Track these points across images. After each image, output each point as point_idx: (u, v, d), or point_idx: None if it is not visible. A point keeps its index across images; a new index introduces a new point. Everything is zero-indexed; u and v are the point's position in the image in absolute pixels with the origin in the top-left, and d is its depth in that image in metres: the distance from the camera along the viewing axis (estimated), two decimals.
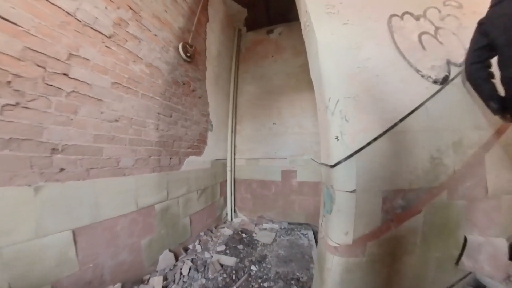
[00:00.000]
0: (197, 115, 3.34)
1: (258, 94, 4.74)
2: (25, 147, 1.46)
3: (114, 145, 2.02)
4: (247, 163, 4.61)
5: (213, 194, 3.81)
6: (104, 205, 1.91)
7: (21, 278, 1.37)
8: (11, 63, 1.39)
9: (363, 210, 1.45)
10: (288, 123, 4.35)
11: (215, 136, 3.95)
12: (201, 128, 3.47)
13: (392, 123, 1.50)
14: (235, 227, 3.86)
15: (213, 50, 3.95)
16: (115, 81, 2.01)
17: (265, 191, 4.38)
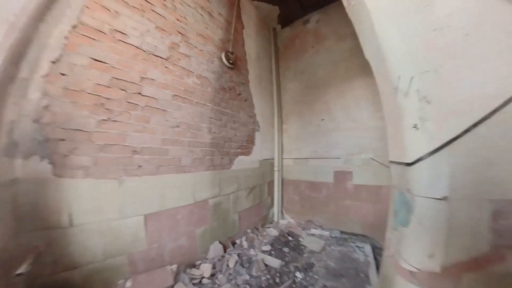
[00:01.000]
0: (244, 117, 3.55)
1: (301, 90, 4.43)
2: (114, 150, 1.95)
3: (177, 147, 2.42)
4: (295, 163, 4.40)
5: (261, 193, 3.90)
6: (169, 197, 2.31)
7: (110, 246, 1.86)
8: (103, 90, 1.88)
9: (460, 227, 1.08)
10: (339, 117, 3.81)
11: (262, 136, 4.05)
12: (249, 129, 3.66)
13: (502, 100, 1.03)
14: (281, 228, 3.77)
15: (253, 54, 4.08)
16: (174, 94, 2.41)
17: (315, 193, 4.00)
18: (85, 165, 1.79)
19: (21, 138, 1.50)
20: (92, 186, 1.80)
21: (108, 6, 1.88)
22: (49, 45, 1.59)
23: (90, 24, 1.77)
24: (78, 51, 1.73)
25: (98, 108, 1.86)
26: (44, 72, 1.58)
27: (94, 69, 1.84)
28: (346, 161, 3.67)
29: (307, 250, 2.98)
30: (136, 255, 2.02)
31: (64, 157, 1.69)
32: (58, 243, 1.59)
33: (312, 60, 4.33)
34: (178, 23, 2.53)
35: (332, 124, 3.90)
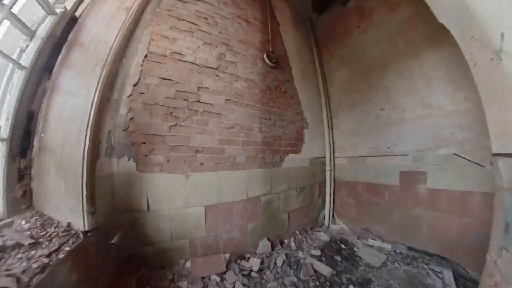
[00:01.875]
0: (292, 115, 3.49)
1: (351, 78, 3.82)
2: (181, 150, 2.33)
3: (232, 146, 2.66)
4: (349, 162, 3.85)
5: (311, 194, 3.70)
6: (226, 191, 2.56)
7: (176, 230, 2.24)
8: (171, 102, 2.28)
9: None
10: (404, 104, 3.01)
11: (311, 133, 3.83)
12: (297, 126, 3.57)
13: None
14: (333, 234, 3.45)
15: (293, 49, 3.91)
16: (227, 98, 2.65)
17: (375, 197, 3.34)
18: (160, 162, 2.23)
19: (115, 143, 2.03)
20: (165, 180, 2.22)
21: (166, 35, 2.32)
22: (130, 73, 2.08)
23: (156, 52, 2.22)
24: (151, 74, 2.18)
25: (168, 116, 2.28)
26: (129, 93, 2.07)
27: (163, 86, 2.26)
28: (417, 158, 2.86)
29: (364, 263, 2.62)
30: (196, 240, 2.35)
31: (145, 156, 2.16)
32: (138, 224, 2.07)
33: (360, 41, 3.69)
34: (221, 35, 2.79)
35: (396, 114, 3.13)
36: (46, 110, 1.59)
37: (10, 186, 1.39)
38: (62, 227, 1.58)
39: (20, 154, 1.47)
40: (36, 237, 1.42)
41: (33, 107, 1.52)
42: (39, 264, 1.25)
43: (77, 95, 1.67)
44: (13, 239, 1.33)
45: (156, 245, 2.14)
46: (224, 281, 2.08)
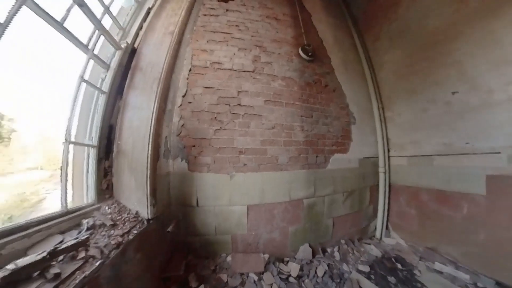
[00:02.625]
0: (335, 110, 3.17)
1: (405, 59, 3.16)
2: (226, 151, 2.53)
3: (273, 147, 2.68)
4: (410, 163, 3.19)
5: (361, 199, 3.21)
6: (268, 192, 2.59)
7: (220, 225, 2.42)
8: (214, 107, 2.51)
9: None
10: (489, 82, 2.23)
11: (359, 129, 3.33)
12: (343, 122, 3.20)
13: None
14: (386, 249, 2.92)
15: (329, 38, 3.50)
16: (266, 99, 2.70)
17: (446, 209, 2.62)
18: (207, 163, 2.49)
19: (171, 147, 2.41)
20: (212, 179, 2.47)
21: (205, 48, 2.58)
22: (179, 86, 2.43)
23: (198, 65, 2.50)
24: (195, 85, 2.48)
25: (213, 121, 2.53)
26: (179, 104, 2.42)
27: (206, 94, 2.52)
28: None
29: None
30: (238, 237, 2.48)
31: (194, 158, 2.47)
32: (189, 216, 2.37)
33: (411, 12, 3.01)
34: (253, 38, 2.86)
35: (476, 97, 2.35)
36: (120, 123, 2.07)
37: (99, 181, 1.89)
38: (132, 214, 2.01)
39: (104, 157, 1.98)
40: (114, 220, 1.85)
41: (112, 121, 2.02)
42: (116, 242, 1.62)
43: (141, 109, 2.10)
44: (100, 220, 1.79)
45: (202, 236, 2.39)
46: (261, 281, 2.13)
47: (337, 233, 2.95)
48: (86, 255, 1.38)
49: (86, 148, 1.85)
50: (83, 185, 1.82)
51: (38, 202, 4.53)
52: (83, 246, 1.45)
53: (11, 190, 4.72)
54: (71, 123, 1.63)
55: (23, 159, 6.70)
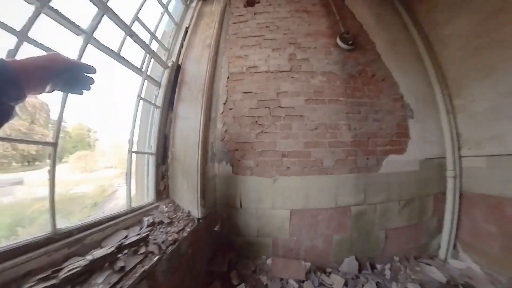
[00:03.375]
0: (387, 103, 2.71)
1: (476, 27, 2.40)
2: (268, 154, 2.55)
3: (318, 149, 2.53)
4: (490, 164, 2.44)
5: (422, 210, 2.62)
6: (312, 197, 2.46)
7: (262, 228, 2.43)
8: (255, 111, 2.57)
9: None
10: None
11: (419, 123, 2.71)
12: (397, 117, 2.69)
13: None
14: (452, 274, 2.30)
15: (370, 19, 3.00)
16: (306, 98, 2.58)
17: None
18: (250, 166, 2.56)
19: (216, 151, 2.57)
20: (255, 182, 2.51)
21: (239, 54, 2.67)
22: (220, 94, 2.59)
23: (235, 71, 2.61)
24: (234, 91, 2.59)
25: (254, 125, 2.58)
26: (221, 111, 2.58)
27: (246, 99, 2.60)
28: None
29: None
30: (279, 241, 2.43)
31: (238, 161, 2.57)
32: (233, 217, 2.46)
33: None
34: (286, 36, 2.77)
35: None
36: (173, 132, 2.34)
37: (157, 183, 2.17)
38: (185, 213, 2.23)
39: (161, 162, 2.27)
40: (171, 218, 2.10)
41: (166, 131, 2.31)
42: (172, 238, 1.83)
43: (189, 119, 2.33)
44: (158, 218, 2.05)
45: (244, 237, 2.45)
46: None
47: (389, 247, 2.53)
48: (146, 251, 1.58)
49: (146, 155, 2.17)
50: (144, 186, 2.15)
51: (113, 192, 6.22)
52: (143, 241, 1.67)
53: (95, 183, 6.59)
54: (132, 136, 1.95)
55: (103, 160, 9.28)
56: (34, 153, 8.86)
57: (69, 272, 1.15)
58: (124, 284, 1.23)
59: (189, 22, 2.52)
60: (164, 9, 2.27)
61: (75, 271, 1.16)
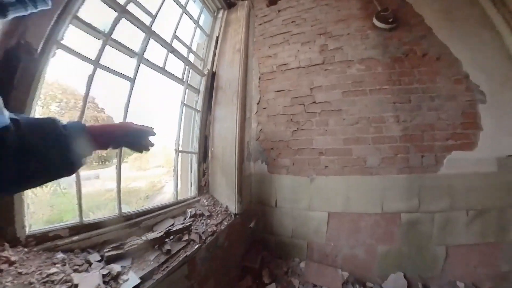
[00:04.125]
0: (446, 86, 2.14)
1: None
2: (305, 153, 2.48)
3: (360, 146, 2.29)
4: None
5: (502, 225, 1.88)
6: (353, 200, 2.22)
7: (297, 229, 2.35)
8: (289, 109, 2.56)
9: None
10: None
11: (495, 109, 1.97)
12: (462, 103, 2.08)
13: None
14: None
15: None
16: (343, 91, 2.38)
17: None
18: (286, 165, 2.55)
19: (252, 150, 2.67)
20: (291, 181, 2.48)
21: (268, 54, 2.69)
22: (253, 95, 2.68)
23: (265, 71, 2.65)
24: (267, 90, 2.64)
25: (289, 123, 2.57)
26: (255, 111, 2.66)
27: (279, 97, 2.61)
28: None
29: None
30: (314, 244, 2.29)
31: (273, 160, 2.60)
32: (267, 215, 2.48)
33: None
34: (314, 27, 2.59)
35: None
36: (212, 133, 2.57)
37: (198, 179, 2.43)
38: (223, 207, 2.41)
39: (203, 160, 2.52)
40: (210, 211, 2.30)
41: (206, 132, 2.55)
42: (211, 230, 2.02)
43: (226, 120, 2.51)
44: (200, 210, 2.28)
45: (278, 237, 2.43)
46: None
47: (451, 269, 1.99)
48: (188, 238, 1.77)
49: (190, 154, 2.45)
50: (187, 181, 2.43)
51: (161, 187, 7.81)
52: (186, 230, 1.88)
53: (148, 179, 8.37)
54: (179, 137, 2.25)
55: (153, 161, 11.66)
56: (105, 155, 12.10)
57: (130, 246, 1.41)
58: (170, 265, 1.44)
59: (218, 31, 2.71)
60: (196, 24, 2.51)
61: (134, 246, 1.41)
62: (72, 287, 1.01)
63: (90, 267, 1.20)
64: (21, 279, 0.91)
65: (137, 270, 1.32)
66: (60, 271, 1.05)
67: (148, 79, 1.57)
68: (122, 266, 1.26)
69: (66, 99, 12.65)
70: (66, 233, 1.26)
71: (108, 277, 1.15)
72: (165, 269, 1.39)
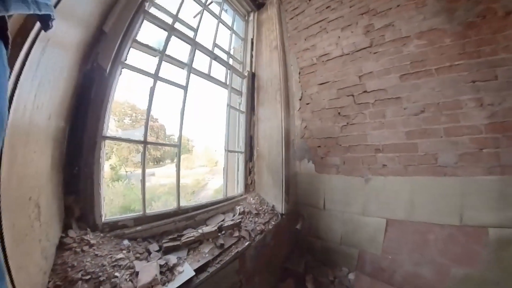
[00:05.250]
0: None
1: None
2: (358, 150, 2.25)
3: (428, 139, 1.90)
4: None
5: None
6: (419, 206, 1.84)
7: (347, 235, 2.11)
8: (335, 102, 2.38)
9: None
10: None
11: None
12: None
13: None
14: None
15: None
16: (401, 74, 2.03)
17: None
18: (336, 164, 2.36)
19: (297, 149, 2.58)
20: (342, 181, 2.28)
21: (305, 47, 2.55)
22: (294, 92, 2.61)
23: (305, 65, 2.53)
24: (309, 85, 2.52)
25: (337, 117, 2.38)
26: (298, 108, 2.57)
27: (323, 91, 2.45)
28: None
29: None
30: (367, 255, 2.00)
31: (321, 159, 2.44)
32: (314, 218, 2.33)
33: None
34: (353, 8, 2.28)
35: None
36: (257, 133, 2.62)
37: (245, 177, 2.50)
38: (269, 207, 2.41)
39: (249, 159, 2.59)
40: (257, 210, 2.34)
41: (251, 132, 2.62)
42: (259, 228, 2.05)
43: (270, 119, 2.53)
44: (247, 208, 2.35)
45: (324, 242, 2.25)
46: None
47: None
48: (239, 235, 1.84)
49: (236, 153, 2.56)
50: (234, 180, 2.54)
51: (205, 185, 9.42)
52: (237, 227, 1.95)
53: (193, 177, 10.10)
54: (227, 138, 2.40)
55: (198, 160, 13.55)
56: (159, 156, 15.00)
57: (187, 238, 1.55)
58: (223, 259, 1.53)
59: (252, 33, 2.79)
60: (231, 30, 2.66)
61: (191, 239, 1.55)
62: (134, 274, 1.16)
63: (150, 256, 1.37)
64: (96, 261, 1.11)
65: (192, 262, 1.44)
66: (125, 257, 1.24)
67: (193, 85, 1.78)
68: (178, 258, 1.40)
69: (135, 113, 16.07)
70: (132, 223, 1.49)
71: (165, 268, 1.28)
72: (219, 262, 1.48)
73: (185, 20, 2.01)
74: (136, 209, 5.69)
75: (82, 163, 1.25)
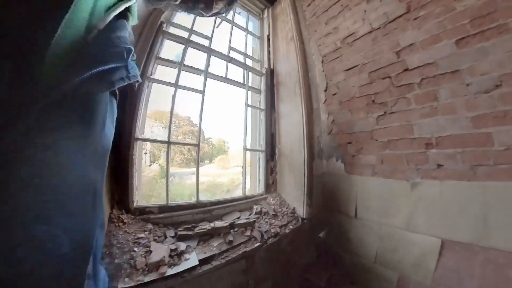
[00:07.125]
0: None
1: None
2: (400, 145, 1.78)
3: (508, 127, 1.28)
4: None
5: None
6: (496, 225, 1.24)
7: (384, 253, 1.64)
8: (368, 88, 1.96)
9: None
10: None
11: None
12: None
13: None
14: None
15: None
16: (458, 38, 1.43)
17: None
18: (371, 163, 1.94)
19: (324, 146, 2.26)
20: (380, 185, 1.85)
21: (326, 31, 2.19)
22: (318, 83, 2.31)
23: (328, 51, 2.18)
24: (334, 72, 2.16)
25: (370, 107, 1.96)
26: (323, 100, 2.26)
27: (351, 77, 2.06)
28: None
29: None
30: (411, 283, 1.48)
31: (352, 157, 2.06)
32: (343, 227, 1.95)
33: None
34: None
35: None
36: (278, 130, 2.47)
37: (266, 177, 2.40)
38: (290, 209, 2.22)
39: (270, 158, 2.47)
40: (276, 211, 2.21)
41: (272, 130, 2.49)
42: (274, 231, 1.95)
43: (290, 115, 2.35)
44: (265, 209, 2.25)
45: (355, 257, 1.84)
46: None
47: None
48: (250, 235, 1.81)
49: (258, 152, 2.49)
50: (256, 179, 2.45)
51: (238, 184, 9.88)
52: (250, 226, 1.92)
53: (228, 176, 10.46)
54: (246, 136, 2.38)
55: (233, 161, 14.68)
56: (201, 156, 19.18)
57: (199, 230, 1.66)
58: (229, 255, 1.54)
59: (268, 29, 2.65)
60: (246, 31, 2.61)
61: (202, 231, 1.63)
62: (148, 252, 1.34)
63: (165, 240, 1.55)
64: (125, 236, 1.37)
65: (199, 252, 1.52)
66: (146, 237, 1.44)
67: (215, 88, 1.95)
68: (188, 246, 1.50)
69: (177, 120, 18.53)
70: (156, 211, 1.70)
71: (174, 252, 1.40)
72: (224, 258, 1.49)
73: (199, 31, 2.16)
74: (176, 200, 7.68)
75: (121, 158, 1.56)
